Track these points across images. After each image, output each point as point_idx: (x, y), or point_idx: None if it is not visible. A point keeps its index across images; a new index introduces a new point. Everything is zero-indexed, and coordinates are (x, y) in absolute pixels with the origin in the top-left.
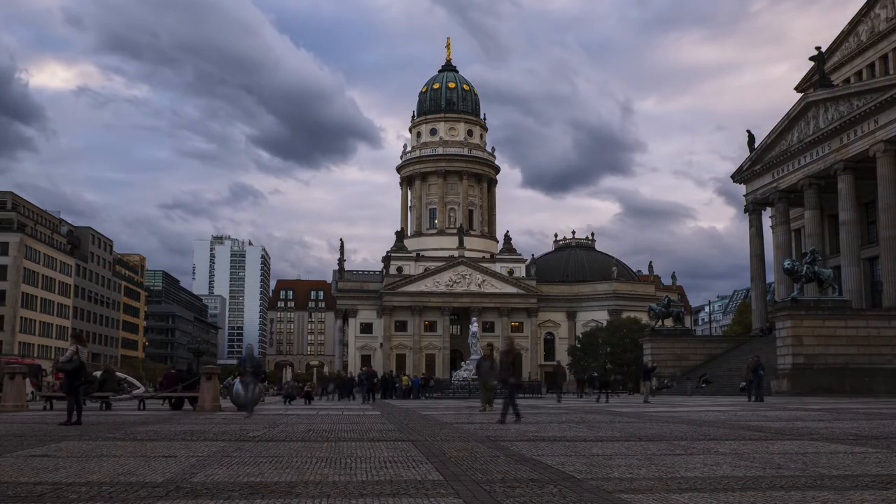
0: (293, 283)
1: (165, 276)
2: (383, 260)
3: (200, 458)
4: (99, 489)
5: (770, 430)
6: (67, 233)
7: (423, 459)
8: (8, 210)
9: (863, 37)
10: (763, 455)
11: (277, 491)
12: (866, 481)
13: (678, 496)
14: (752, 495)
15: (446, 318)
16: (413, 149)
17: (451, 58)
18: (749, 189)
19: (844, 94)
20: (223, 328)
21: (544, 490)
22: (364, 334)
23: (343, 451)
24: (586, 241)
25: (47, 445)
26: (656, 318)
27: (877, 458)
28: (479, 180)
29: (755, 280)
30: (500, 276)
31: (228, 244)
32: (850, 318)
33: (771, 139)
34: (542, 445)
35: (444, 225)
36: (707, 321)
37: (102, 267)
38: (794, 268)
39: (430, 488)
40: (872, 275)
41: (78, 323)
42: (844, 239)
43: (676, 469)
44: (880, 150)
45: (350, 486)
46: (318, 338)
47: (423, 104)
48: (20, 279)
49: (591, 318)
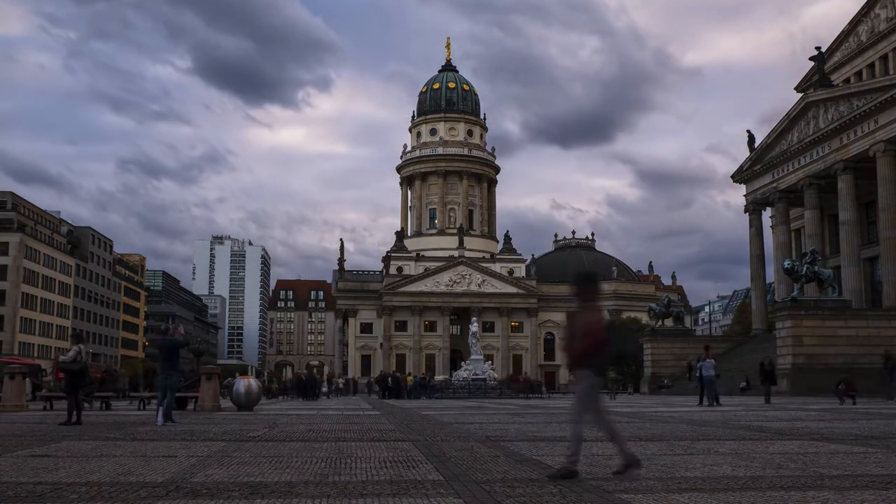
0: (293, 283)
1: (165, 276)
2: (383, 260)
3: (200, 458)
4: (99, 489)
5: (770, 430)
6: (67, 233)
7: (423, 459)
8: (8, 210)
9: (863, 37)
10: (763, 455)
11: (277, 491)
12: (866, 481)
13: (678, 496)
14: (752, 495)
15: (446, 318)
16: (413, 149)
17: (451, 58)
18: (749, 189)
19: (844, 94)
20: (223, 328)
21: (544, 490)
22: (364, 334)
23: (343, 451)
24: (586, 240)
25: (47, 445)
26: (656, 318)
27: (877, 458)
28: (479, 180)
29: (755, 280)
30: (500, 276)
31: (228, 244)
32: (850, 318)
33: (771, 139)
34: (542, 445)
35: (444, 225)
36: (707, 321)
37: (102, 267)
38: (794, 268)
39: (430, 488)
40: (872, 275)
41: (78, 323)
42: (844, 239)
43: (676, 469)
44: (880, 150)
45: (350, 486)
46: (318, 338)
47: (423, 104)
48: (20, 279)
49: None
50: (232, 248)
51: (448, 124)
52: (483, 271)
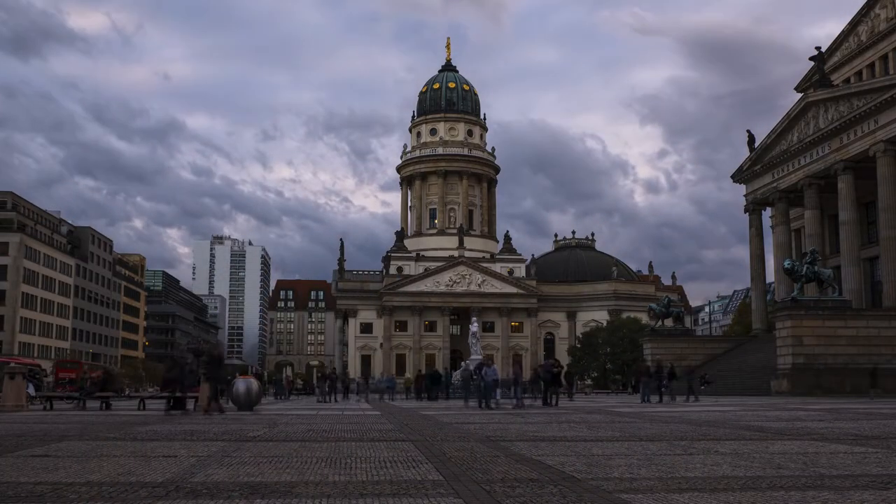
0: (293, 283)
1: (165, 275)
2: (383, 260)
3: (200, 458)
4: (99, 489)
5: (770, 430)
6: (67, 233)
7: (423, 459)
8: (8, 210)
9: (863, 37)
10: (763, 455)
11: (277, 491)
12: (866, 481)
13: (678, 496)
14: (752, 495)
15: (446, 318)
16: (413, 149)
17: (451, 58)
18: (749, 189)
19: (844, 94)
20: (223, 328)
21: (544, 490)
22: (364, 334)
23: (343, 451)
24: (586, 240)
25: (47, 445)
26: (656, 318)
27: (877, 458)
28: (479, 180)
29: (755, 280)
30: (501, 276)
31: (228, 244)
32: (851, 318)
33: (771, 139)
34: (542, 445)
35: (444, 225)
36: (707, 321)
37: (102, 267)
38: (793, 268)
39: (430, 488)
40: (872, 275)
41: (78, 323)
42: (844, 239)
43: (676, 469)
44: (880, 150)
45: (350, 486)
46: (318, 338)
47: (423, 104)
48: (20, 279)
49: (591, 318)
50: (232, 248)
51: (448, 124)
52: (483, 271)
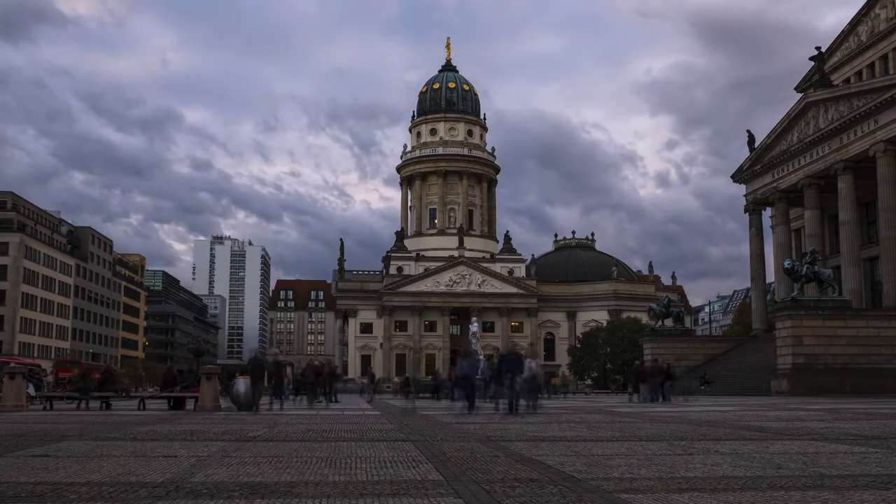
0: (293, 283)
1: (165, 275)
2: (383, 260)
3: (200, 458)
4: (99, 489)
5: (770, 430)
6: (67, 233)
7: (422, 459)
8: (8, 210)
9: (863, 37)
10: (763, 455)
11: (277, 491)
12: (866, 481)
13: (678, 496)
14: (752, 495)
15: (446, 318)
16: (413, 149)
17: (451, 58)
18: (749, 189)
19: (844, 94)
20: (223, 328)
21: (544, 490)
22: (364, 334)
23: (343, 451)
24: (586, 240)
25: (47, 445)
26: (656, 318)
27: (877, 458)
28: (479, 180)
29: (755, 280)
30: (501, 276)
31: (228, 244)
32: (851, 318)
33: (771, 139)
34: (542, 445)
35: (444, 225)
36: (707, 321)
37: (102, 267)
38: (793, 268)
39: (430, 488)
40: (872, 275)
41: (78, 323)
42: (844, 239)
43: (676, 469)
44: (880, 150)
45: (350, 486)
46: (318, 338)
47: (423, 104)
48: (20, 279)
49: (591, 318)
50: (232, 248)
51: (448, 124)
52: (483, 271)
